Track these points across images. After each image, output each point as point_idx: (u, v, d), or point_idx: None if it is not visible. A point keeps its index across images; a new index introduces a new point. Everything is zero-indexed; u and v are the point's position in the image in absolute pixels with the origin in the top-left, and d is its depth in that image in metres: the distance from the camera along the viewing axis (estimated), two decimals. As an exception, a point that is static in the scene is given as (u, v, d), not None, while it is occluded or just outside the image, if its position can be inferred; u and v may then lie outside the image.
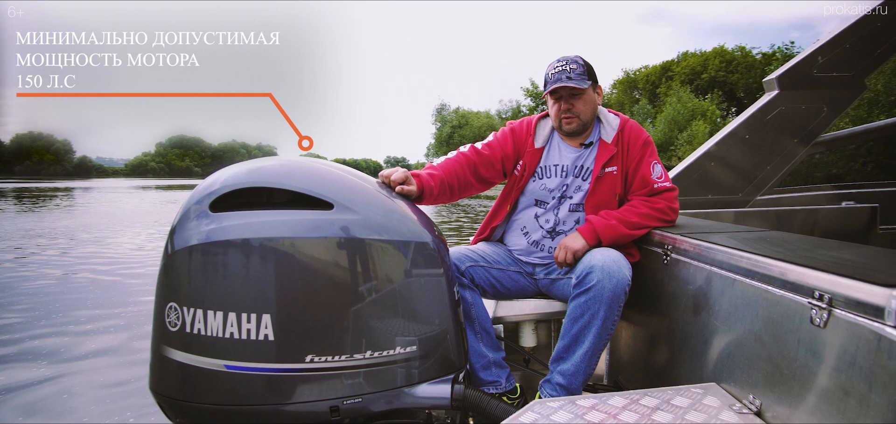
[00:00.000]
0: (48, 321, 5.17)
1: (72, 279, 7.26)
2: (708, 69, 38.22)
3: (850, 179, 15.88)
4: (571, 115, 1.80)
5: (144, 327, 5.09)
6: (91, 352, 4.32)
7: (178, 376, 1.32)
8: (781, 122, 2.91)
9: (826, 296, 0.94)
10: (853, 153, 16.84)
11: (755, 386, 1.12)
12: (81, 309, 5.59)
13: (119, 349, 4.40)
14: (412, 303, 1.38)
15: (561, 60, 1.82)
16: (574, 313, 1.61)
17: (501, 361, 1.81)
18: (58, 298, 6.13)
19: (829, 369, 0.92)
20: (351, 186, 1.41)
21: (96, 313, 5.45)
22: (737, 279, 1.21)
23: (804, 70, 2.88)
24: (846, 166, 17.06)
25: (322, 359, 1.28)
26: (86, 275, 7.49)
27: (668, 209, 1.77)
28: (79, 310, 5.55)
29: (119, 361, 4.15)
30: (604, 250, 1.65)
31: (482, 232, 2.02)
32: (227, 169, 1.43)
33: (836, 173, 17.13)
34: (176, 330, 1.30)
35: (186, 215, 1.34)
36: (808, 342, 0.97)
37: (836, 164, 17.25)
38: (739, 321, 1.19)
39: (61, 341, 4.57)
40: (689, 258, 1.45)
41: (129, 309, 5.68)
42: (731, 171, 2.97)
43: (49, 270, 7.93)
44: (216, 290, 1.28)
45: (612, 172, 1.81)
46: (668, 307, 1.55)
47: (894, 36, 2.85)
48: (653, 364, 1.68)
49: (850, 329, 0.88)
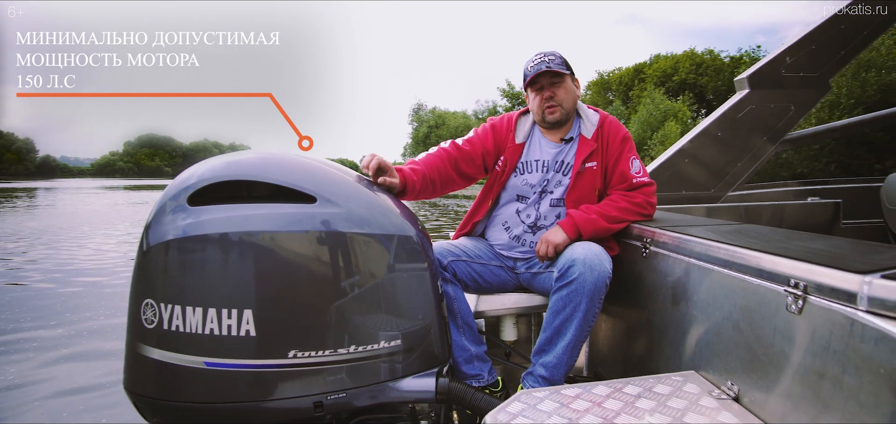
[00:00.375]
0: (13, 323, 4.98)
1: (34, 283, 6.99)
2: (679, 72, 39.07)
3: (813, 176, 16.48)
4: (554, 103, 1.82)
5: (115, 325, 4.95)
6: (60, 355, 4.18)
7: (155, 374, 1.29)
8: (751, 120, 3.01)
9: (801, 284, 0.97)
10: (817, 152, 17.46)
11: (733, 373, 1.15)
12: (48, 311, 5.40)
13: (88, 351, 4.27)
14: (396, 297, 1.37)
15: (539, 53, 1.85)
16: (556, 305, 1.63)
17: (483, 355, 1.81)
18: (22, 301, 5.91)
19: (803, 353, 0.96)
20: (333, 179, 1.40)
21: (66, 315, 5.28)
22: (714, 269, 1.25)
23: (773, 70, 2.99)
24: (810, 164, 17.68)
25: (305, 354, 1.26)
26: (46, 278, 7.23)
27: (646, 204, 1.81)
28: (45, 312, 5.36)
29: (89, 362, 4.03)
30: (585, 243, 1.67)
31: (463, 228, 2.03)
32: (205, 162, 1.40)
33: (801, 171, 17.74)
34: (152, 328, 1.27)
35: (162, 210, 1.31)
36: (784, 329, 1.01)
37: (801, 163, 17.86)
38: (717, 310, 1.22)
39: (27, 343, 4.41)
40: (668, 251, 1.48)
41: (100, 310, 5.52)
42: (703, 168, 3.05)
43: (12, 272, 7.63)
44: (195, 285, 1.25)
45: (592, 167, 1.84)
46: (647, 299, 1.58)
47: (856, 39, 2.97)
48: (632, 355, 1.71)
49: (824, 315, 0.92)
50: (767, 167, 17.59)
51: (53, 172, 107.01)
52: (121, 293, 6.29)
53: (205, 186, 1.30)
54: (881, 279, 0.83)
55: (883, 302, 0.81)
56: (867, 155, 16.62)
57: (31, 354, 4.19)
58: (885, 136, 16.06)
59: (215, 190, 1.31)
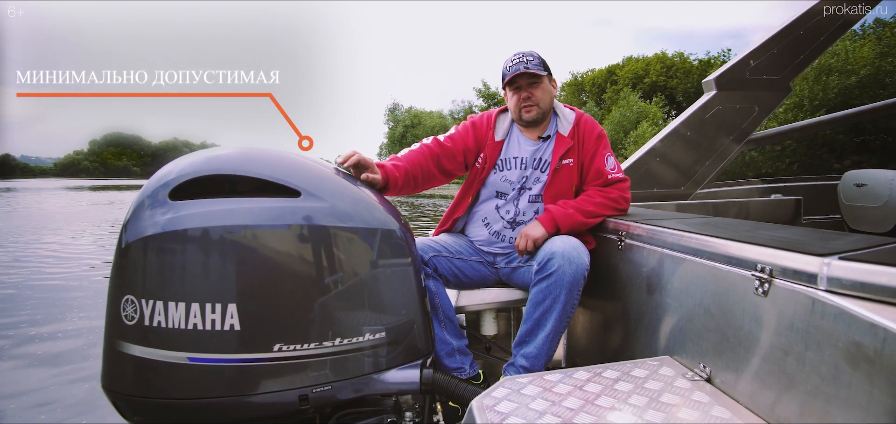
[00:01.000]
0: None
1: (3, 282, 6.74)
2: (650, 74, 39.95)
3: (777, 175, 17.12)
4: (531, 103, 1.87)
5: (86, 326, 4.81)
6: (32, 354, 4.06)
7: (136, 371, 1.27)
8: (718, 121, 3.14)
9: (767, 268, 1.03)
10: (780, 153, 18.12)
11: (705, 355, 1.21)
12: (15, 314, 5.21)
13: (61, 352, 4.14)
14: (380, 291, 1.39)
15: (517, 53, 1.89)
16: (536, 297, 1.67)
17: (465, 348, 1.85)
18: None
19: (770, 333, 1.02)
20: (318, 173, 1.41)
21: (37, 315, 5.11)
22: (686, 258, 1.30)
23: (738, 73, 3.12)
24: (774, 164, 18.33)
25: (291, 348, 1.27)
26: (17, 278, 6.97)
27: (621, 199, 1.87)
28: (12, 315, 5.17)
29: (62, 363, 3.92)
30: (563, 237, 1.72)
31: (444, 224, 2.05)
32: (185, 157, 1.39)
33: (765, 170, 18.37)
34: (133, 324, 1.26)
35: (142, 206, 1.30)
36: (752, 311, 1.07)
37: (765, 162, 18.50)
38: (689, 297, 1.28)
39: None
40: (643, 243, 1.54)
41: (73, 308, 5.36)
42: (674, 167, 3.17)
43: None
44: (178, 281, 1.24)
45: (568, 164, 1.89)
46: (623, 290, 1.64)
47: (814, 44, 3.12)
48: (609, 344, 1.77)
49: (788, 296, 0.98)
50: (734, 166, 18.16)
51: (13, 171, 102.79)
52: (90, 294, 6.12)
53: (186, 180, 1.30)
54: (838, 261, 0.89)
55: (840, 281, 0.88)
56: (827, 155, 17.34)
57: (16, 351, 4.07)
58: (844, 137, 16.80)
59: (197, 185, 1.30)
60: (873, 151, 16.61)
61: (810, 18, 3.03)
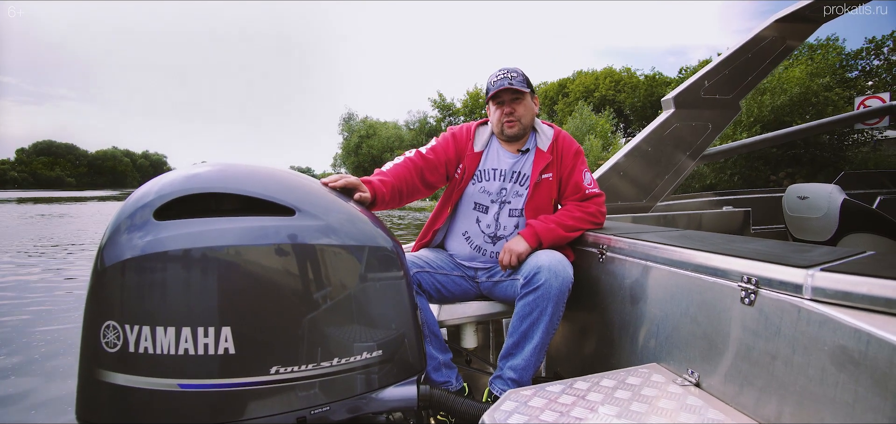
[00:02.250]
0: None
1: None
2: (599, 88, 41.43)
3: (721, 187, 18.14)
4: (513, 118, 1.92)
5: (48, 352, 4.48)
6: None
7: (116, 400, 1.21)
8: (676, 138, 3.33)
9: (754, 278, 1.11)
10: (722, 166, 19.21)
11: (693, 361, 1.27)
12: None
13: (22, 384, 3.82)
14: (375, 308, 1.38)
15: (502, 69, 1.94)
16: (523, 311, 1.71)
17: (450, 362, 1.86)
18: None
19: (757, 339, 1.09)
20: (311, 191, 1.39)
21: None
22: (671, 270, 1.38)
23: (694, 92, 3.32)
24: (717, 176, 19.41)
25: (288, 370, 1.25)
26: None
27: (598, 213, 1.95)
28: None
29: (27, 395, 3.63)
30: (548, 251, 1.77)
31: (424, 236, 2.06)
32: (166, 175, 1.34)
33: (710, 182, 19.42)
34: (115, 351, 1.20)
35: (120, 228, 1.24)
36: (739, 319, 1.14)
37: (711, 174, 19.55)
38: (675, 306, 1.35)
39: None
40: (624, 255, 1.60)
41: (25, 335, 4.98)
42: (636, 182, 3.33)
43: None
44: (166, 305, 1.19)
45: (548, 178, 1.95)
46: (605, 301, 1.70)
47: (760, 66, 3.37)
48: (589, 354, 1.82)
49: (774, 305, 1.06)
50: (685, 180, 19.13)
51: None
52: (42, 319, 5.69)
53: (172, 199, 1.25)
54: (822, 272, 0.98)
55: (824, 291, 0.96)
56: (763, 167, 18.51)
57: None
58: (778, 151, 18.03)
59: (179, 205, 1.26)
60: (803, 163, 17.91)
61: (757, 44, 3.28)
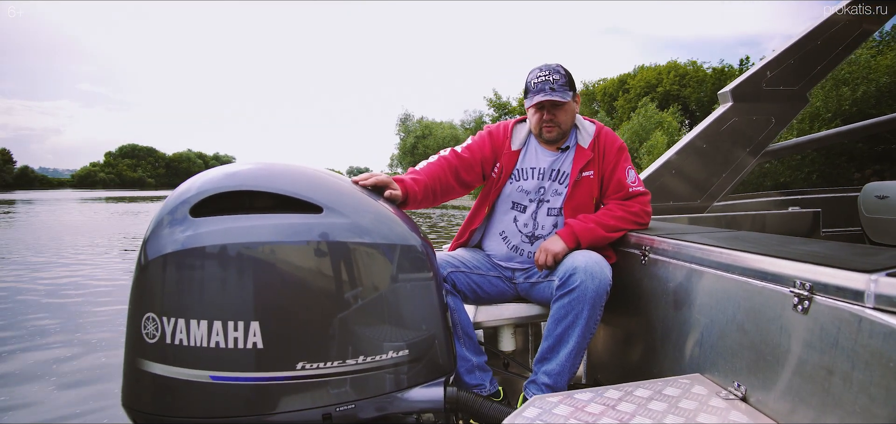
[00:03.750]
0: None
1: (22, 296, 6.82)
2: (662, 83, 39.68)
3: (795, 186, 16.84)
4: (553, 125, 1.84)
5: (107, 340, 4.85)
6: (52, 369, 4.08)
7: (156, 390, 1.26)
8: (734, 133, 3.09)
9: (808, 284, 1.00)
10: (799, 163, 17.86)
11: (739, 373, 1.17)
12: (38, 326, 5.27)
13: (86, 367, 4.16)
14: (403, 307, 1.37)
15: (544, 68, 1.83)
16: (558, 313, 1.64)
17: (484, 365, 1.82)
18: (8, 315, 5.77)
19: (811, 351, 0.98)
20: (339, 189, 1.40)
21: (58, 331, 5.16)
22: (717, 274, 1.27)
23: (754, 84, 3.07)
24: (792, 174, 18.05)
25: (314, 366, 1.25)
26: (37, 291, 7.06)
27: (642, 213, 1.84)
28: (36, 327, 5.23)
29: (84, 377, 3.93)
30: (585, 252, 1.69)
31: (461, 236, 2.03)
32: (205, 174, 1.38)
33: (783, 181, 18.10)
34: (154, 342, 1.25)
35: (162, 223, 1.29)
36: (791, 329, 1.03)
37: (784, 172, 18.23)
38: (721, 313, 1.24)
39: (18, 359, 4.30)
40: (668, 257, 1.50)
41: (93, 323, 5.40)
42: (689, 180, 3.12)
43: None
44: (199, 298, 1.23)
45: (588, 176, 1.86)
46: (647, 306, 1.60)
47: (830, 54, 3.07)
48: (632, 361, 1.73)
49: (831, 313, 0.94)
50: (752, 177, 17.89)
51: (31, 183, 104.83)
52: (111, 307, 6.17)
53: (206, 197, 1.29)
54: (887, 277, 0.86)
55: (889, 299, 0.84)
56: (847, 165, 17.03)
57: (20, 371, 4.09)
58: (864, 147, 16.50)
59: (217, 201, 1.30)
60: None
61: (828, 28, 2.99)
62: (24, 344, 4.75)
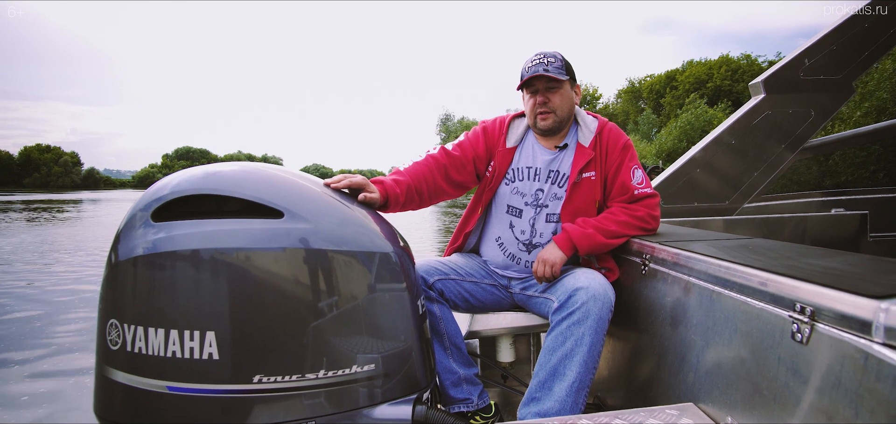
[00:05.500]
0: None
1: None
2: (713, 78, 37.99)
3: (859, 185, 15.61)
4: (547, 110, 1.71)
5: None
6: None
7: (122, 399, 1.23)
8: (768, 127, 2.81)
9: (808, 308, 0.84)
10: (864, 159, 16.60)
11: (733, 407, 1.02)
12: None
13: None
14: (371, 319, 1.29)
15: (538, 53, 1.73)
16: (554, 343, 1.48)
17: (473, 377, 1.71)
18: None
19: (811, 390, 0.83)
20: (304, 193, 1.33)
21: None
22: (715, 289, 1.12)
23: (790, 73, 2.79)
24: (855, 172, 16.81)
25: (271, 380, 1.19)
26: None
27: (648, 217, 1.67)
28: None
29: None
30: (585, 270, 1.56)
31: (455, 241, 1.93)
32: (169, 177, 1.34)
33: (844, 179, 16.88)
34: (117, 349, 1.22)
35: (125, 228, 1.27)
36: (790, 360, 0.88)
37: (845, 170, 17.01)
38: (717, 335, 1.09)
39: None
40: (667, 268, 1.35)
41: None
42: (717, 178, 2.87)
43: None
44: (156, 305, 1.19)
45: (589, 177, 1.72)
46: (647, 321, 1.45)
47: (881, 38, 2.75)
48: (634, 382, 1.57)
49: (834, 346, 0.79)
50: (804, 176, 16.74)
51: (97, 184, 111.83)
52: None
53: (174, 198, 1.25)
54: None
55: None
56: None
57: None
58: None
59: (183, 205, 1.26)
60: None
61: (877, 6, 2.67)
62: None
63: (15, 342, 4.93)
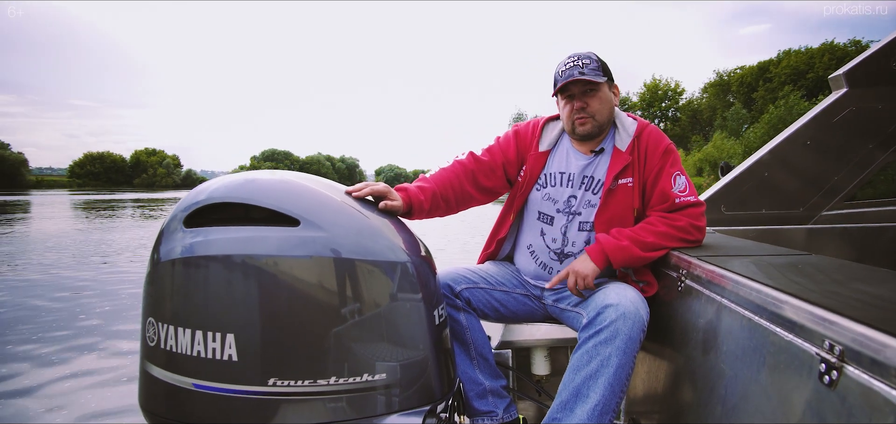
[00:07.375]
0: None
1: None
2: (814, 68, 34.53)
3: None
4: (585, 115, 1.63)
5: None
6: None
7: (160, 393, 1.32)
8: (852, 124, 2.48)
9: (837, 347, 0.73)
10: None
11: None
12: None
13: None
14: (384, 328, 1.29)
15: (572, 56, 1.65)
16: (579, 361, 1.40)
17: (500, 390, 1.66)
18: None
19: None
20: (322, 201, 1.35)
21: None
22: (745, 315, 1.01)
23: (879, 64, 2.44)
24: None
25: (284, 383, 1.23)
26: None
27: (690, 228, 1.54)
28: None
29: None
30: (617, 285, 1.47)
31: (488, 247, 1.88)
32: (201, 185, 1.43)
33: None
34: (153, 346, 1.32)
35: (163, 232, 1.36)
36: (816, 405, 0.76)
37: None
38: (746, 367, 0.98)
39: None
40: (702, 286, 1.24)
41: None
42: (790, 181, 2.57)
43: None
44: (185, 306, 1.27)
45: (626, 184, 1.61)
46: (681, 342, 1.34)
47: None
48: (668, 406, 1.46)
49: (862, 394, 0.68)
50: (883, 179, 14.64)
51: (194, 184, 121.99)
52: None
53: (207, 205, 1.33)
54: None
55: None
56: None
57: None
58: None
59: (216, 211, 1.33)
60: None
61: None
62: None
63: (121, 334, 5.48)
